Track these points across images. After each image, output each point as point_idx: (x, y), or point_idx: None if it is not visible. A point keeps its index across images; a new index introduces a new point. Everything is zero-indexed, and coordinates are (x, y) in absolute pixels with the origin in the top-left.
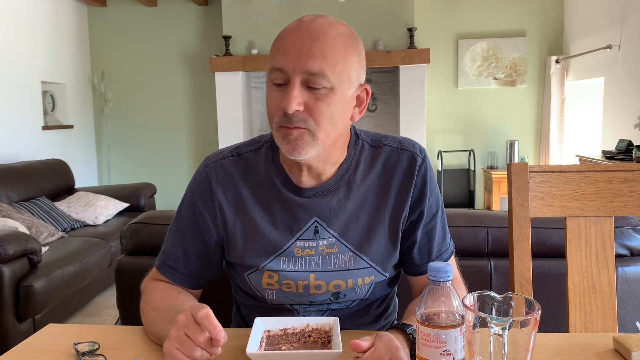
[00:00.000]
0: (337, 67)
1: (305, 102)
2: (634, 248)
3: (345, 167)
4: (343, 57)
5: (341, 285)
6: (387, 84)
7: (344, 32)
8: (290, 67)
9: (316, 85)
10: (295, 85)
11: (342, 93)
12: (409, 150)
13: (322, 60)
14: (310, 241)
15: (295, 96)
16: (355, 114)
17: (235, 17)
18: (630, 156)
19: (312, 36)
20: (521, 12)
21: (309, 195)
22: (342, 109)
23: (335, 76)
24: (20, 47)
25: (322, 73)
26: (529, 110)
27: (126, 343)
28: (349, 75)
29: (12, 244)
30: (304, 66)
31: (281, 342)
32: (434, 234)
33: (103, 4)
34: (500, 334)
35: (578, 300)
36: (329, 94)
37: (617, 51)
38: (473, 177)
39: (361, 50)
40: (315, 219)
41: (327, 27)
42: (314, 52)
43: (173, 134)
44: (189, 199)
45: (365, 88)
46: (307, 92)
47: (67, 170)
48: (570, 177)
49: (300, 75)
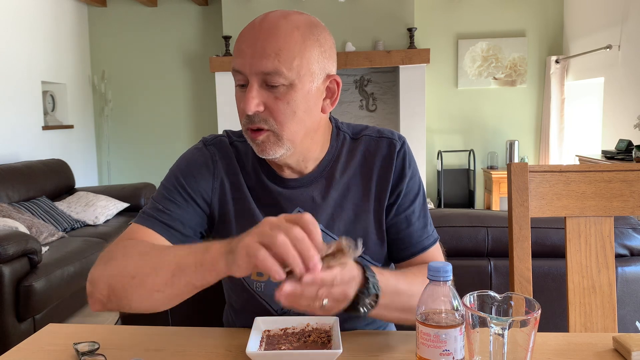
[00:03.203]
0: (294, 63)
1: (264, 101)
2: (634, 248)
3: (328, 159)
4: (300, 51)
5: None
6: (387, 84)
7: (300, 24)
8: (247, 69)
9: (274, 83)
10: (252, 86)
11: (303, 88)
12: (388, 138)
13: (275, 59)
14: None
15: (252, 97)
16: (326, 106)
17: (235, 17)
18: (630, 156)
19: (265, 34)
20: (521, 12)
21: (291, 186)
22: (306, 104)
23: (292, 72)
24: (20, 47)
25: (277, 71)
26: (529, 110)
27: (126, 343)
28: (309, 68)
29: (12, 244)
30: (258, 66)
31: (281, 342)
32: (412, 220)
33: (103, 4)
34: (500, 333)
35: (578, 300)
36: (288, 91)
37: (617, 51)
38: (473, 177)
39: (324, 40)
40: (298, 209)
41: (281, 22)
42: (266, 51)
43: (173, 133)
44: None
45: (335, 79)
46: (267, 91)
47: (67, 170)
48: (570, 177)
49: (256, 75)
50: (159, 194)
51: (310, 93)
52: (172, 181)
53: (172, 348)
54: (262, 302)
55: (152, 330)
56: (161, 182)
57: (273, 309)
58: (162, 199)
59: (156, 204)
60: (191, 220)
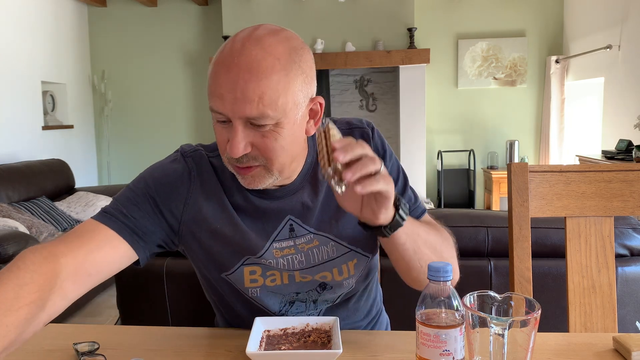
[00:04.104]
0: (278, 102)
1: (251, 141)
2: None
3: (309, 161)
4: (284, 88)
5: (327, 277)
6: (387, 84)
7: (281, 56)
8: (229, 113)
9: (260, 123)
10: (237, 129)
11: (289, 122)
12: (359, 127)
13: (259, 103)
14: (288, 240)
15: (239, 141)
16: (310, 128)
17: (235, 17)
18: (630, 156)
19: (245, 76)
20: (521, 12)
21: (277, 196)
22: (292, 136)
23: (278, 111)
24: (20, 47)
25: (262, 115)
26: (529, 110)
27: (126, 343)
28: (295, 101)
29: (12, 244)
30: (242, 112)
31: (281, 342)
32: None
33: (103, 4)
34: (500, 333)
35: (578, 300)
36: (275, 128)
37: (617, 51)
38: (473, 177)
39: (305, 64)
40: (289, 217)
41: (260, 58)
42: (248, 96)
43: (173, 133)
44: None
45: (318, 101)
46: (253, 130)
47: (67, 170)
48: (570, 177)
49: (240, 119)
50: (124, 197)
51: (295, 124)
52: (142, 188)
53: (172, 348)
54: (259, 307)
55: (152, 330)
56: (128, 185)
57: (270, 312)
58: (127, 203)
59: (120, 206)
60: (154, 232)
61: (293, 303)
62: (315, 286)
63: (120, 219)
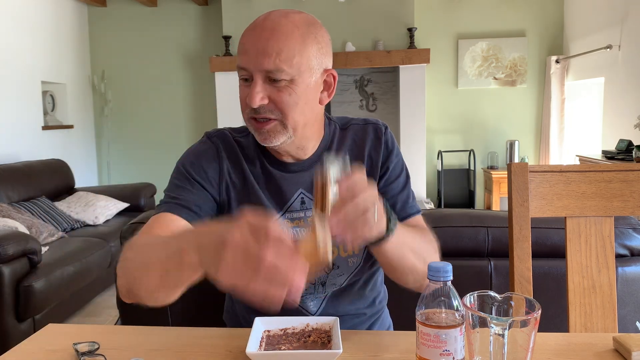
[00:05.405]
0: (294, 60)
1: (268, 95)
2: (634, 248)
3: (323, 145)
4: (300, 50)
5: (334, 252)
6: (387, 84)
7: (299, 23)
8: (251, 66)
9: (276, 78)
10: (257, 82)
11: (303, 82)
12: (373, 124)
13: (276, 58)
14: (299, 212)
15: (257, 92)
16: (324, 98)
17: (235, 17)
18: (630, 156)
19: (266, 34)
20: (521, 12)
21: (293, 170)
22: (306, 97)
23: (293, 69)
24: (20, 47)
25: (278, 69)
26: (529, 110)
27: (126, 343)
28: (309, 64)
29: (12, 244)
30: (261, 65)
31: (281, 342)
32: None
33: (103, 4)
34: (500, 333)
35: (578, 300)
36: (290, 85)
37: (617, 51)
38: (473, 177)
39: (321, 38)
40: (301, 190)
41: (282, 21)
42: (268, 51)
43: (173, 133)
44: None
45: (332, 73)
46: (270, 85)
47: (67, 170)
48: (570, 177)
49: (259, 72)
50: (170, 186)
51: (309, 87)
52: (181, 172)
53: (172, 348)
54: None
55: (152, 330)
56: (171, 176)
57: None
58: (173, 188)
59: (169, 194)
60: (204, 204)
61: None
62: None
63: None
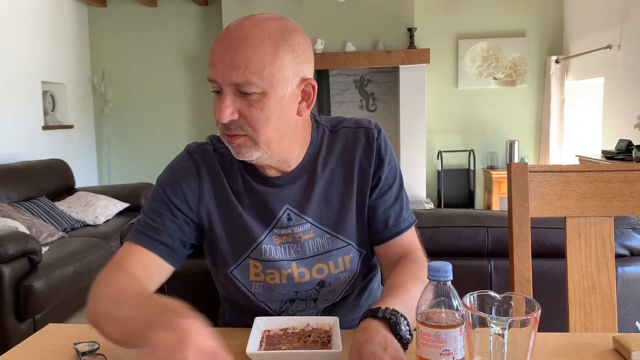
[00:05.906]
0: (264, 72)
1: (239, 109)
2: (634, 248)
3: (310, 153)
4: (271, 60)
5: (324, 270)
6: (387, 84)
7: (272, 32)
8: (219, 79)
9: (246, 91)
10: (226, 96)
11: (276, 95)
12: (365, 127)
13: (245, 70)
14: (286, 229)
15: (227, 107)
16: (302, 109)
17: (235, 17)
18: (630, 156)
19: (235, 45)
20: (521, 12)
21: (277, 184)
22: (280, 110)
23: (264, 81)
24: (20, 47)
25: (247, 82)
26: (529, 110)
27: None
28: (282, 75)
29: (12, 244)
30: (229, 78)
31: (281, 342)
32: (389, 203)
33: (103, 4)
34: (500, 333)
35: (578, 300)
36: (261, 98)
37: (616, 51)
38: (473, 177)
39: (297, 45)
40: (287, 206)
41: (252, 31)
42: (236, 63)
43: (173, 133)
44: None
45: (310, 82)
46: (241, 99)
47: (67, 170)
48: (570, 177)
49: (228, 86)
50: (148, 206)
51: (284, 99)
52: (160, 193)
53: None
54: (259, 304)
55: None
56: (150, 194)
57: (271, 309)
58: (150, 211)
59: (145, 217)
60: (179, 231)
61: (293, 301)
62: (314, 285)
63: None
